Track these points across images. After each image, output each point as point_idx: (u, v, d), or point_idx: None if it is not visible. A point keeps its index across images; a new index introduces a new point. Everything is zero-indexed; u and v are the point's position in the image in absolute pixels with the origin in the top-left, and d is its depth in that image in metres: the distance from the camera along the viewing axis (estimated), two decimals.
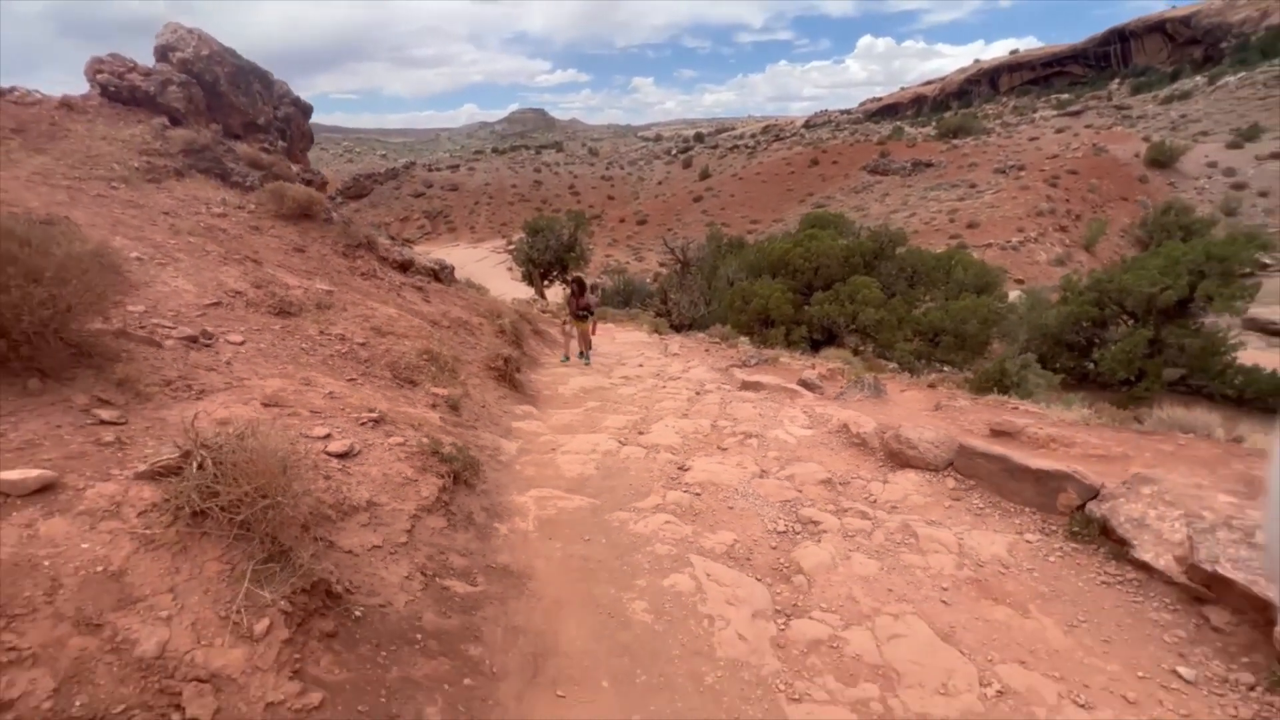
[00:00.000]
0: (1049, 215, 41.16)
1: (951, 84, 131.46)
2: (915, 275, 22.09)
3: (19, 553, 1.76)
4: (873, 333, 18.31)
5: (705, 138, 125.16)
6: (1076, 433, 5.14)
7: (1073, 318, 20.68)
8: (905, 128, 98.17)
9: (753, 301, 19.06)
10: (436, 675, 2.30)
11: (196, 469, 2.10)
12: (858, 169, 63.35)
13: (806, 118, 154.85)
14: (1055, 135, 62.37)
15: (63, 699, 1.52)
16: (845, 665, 2.67)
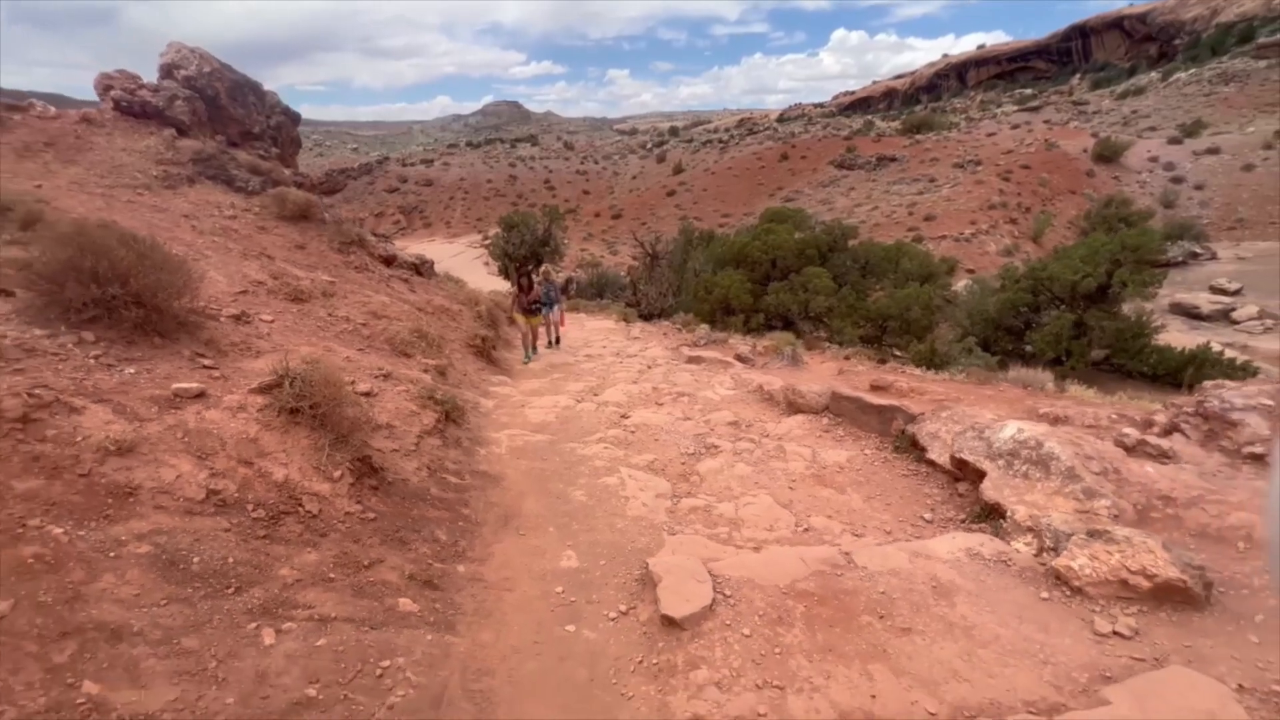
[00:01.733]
0: (1000, 209, 43.47)
1: (921, 78, 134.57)
2: (867, 266, 23.80)
3: (198, 425, 3.04)
4: (824, 319, 19.89)
5: (680, 131, 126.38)
6: (933, 386, 6.64)
7: (1010, 304, 22.49)
8: (876, 121, 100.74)
9: (714, 291, 20.51)
10: (440, 518, 3.63)
11: (289, 384, 3.39)
12: (825, 164, 65.34)
13: (781, 111, 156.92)
14: (1011, 131, 65.15)
15: (232, 493, 2.82)
16: (711, 519, 4.06)
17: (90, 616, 1.97)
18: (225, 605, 2.27)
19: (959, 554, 3.23)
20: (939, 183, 52.45)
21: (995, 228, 41.12)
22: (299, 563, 2.65)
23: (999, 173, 51.33)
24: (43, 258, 3.63)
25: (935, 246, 38.81)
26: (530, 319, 9.25)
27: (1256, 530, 3.08)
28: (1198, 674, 2.30)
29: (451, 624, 2.75)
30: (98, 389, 2.99)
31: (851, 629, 2.69)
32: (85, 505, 2.34)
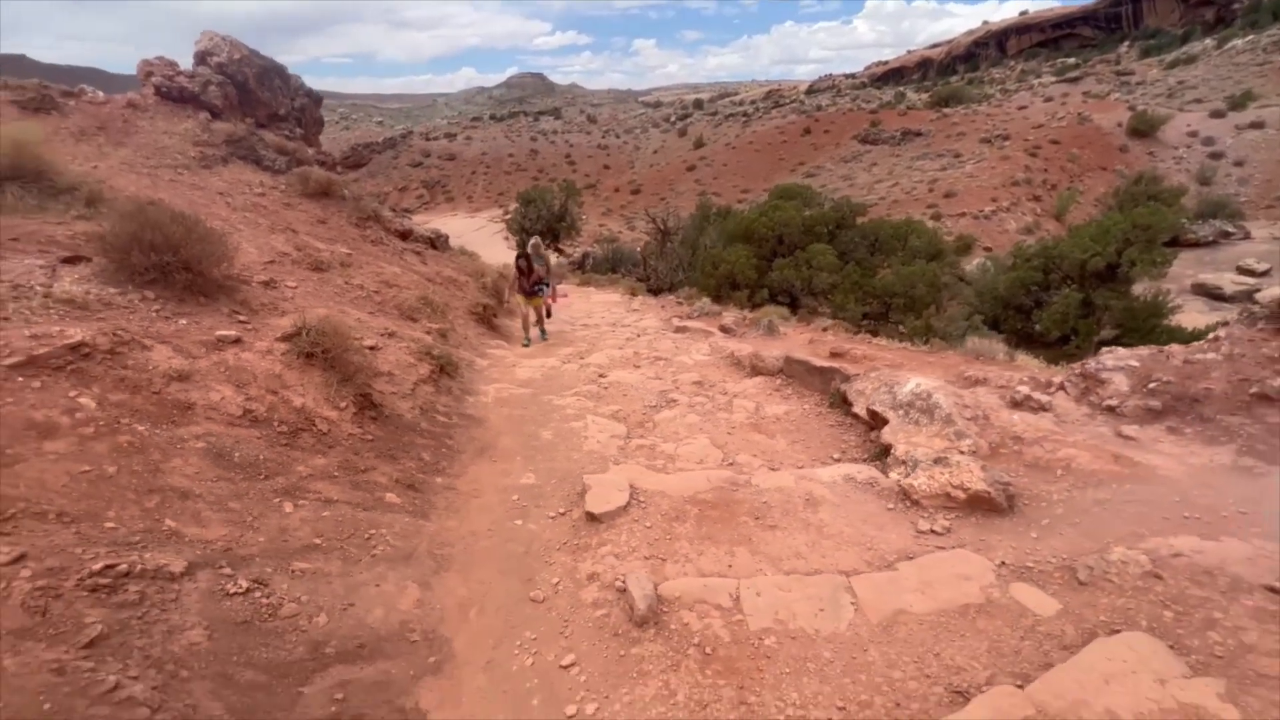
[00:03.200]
0: (1024, 185, 42.67)
1: (958, 47, 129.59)
2: (876, 243, 24.05)
3: (236, 363, 3.93)
4: (828, 296, 20.34)
5: (705, 104, 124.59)
6: (885, 354, 7.31)
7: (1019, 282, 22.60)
8: (907, 93, 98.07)
9: (720, 267, 21.07)
10: (427, 445, 4.50)
11: (305, 334, 4.26)
12: (849, 138, 64.32)
13: (810, 82, 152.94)
14: (1044, 104, 63.08)
15: (262, 413, 3.70)
16: (653, 454, 4.87)
17: (167, 483, 2.86)
18: (257, 486, 3.16)
19: (837, 478, 3.99)
20: (964, 158, 51.43)
21: (1017, 205, 40.47)
22: (311, 464, 3.53)
23: (1026, 148, 50.12)
24: (113, 231, 4.53)
25: (953, 224, 38.46)
26: (531, 300, 8.89)
27: (1075, 461, 3.77)
28: (975, 555, 3.06)
29: (425, 514, 3.63)
30: (160, 333, 3.89)
31: (730, 525, 3.49)
32: (157, 413, 3.23)
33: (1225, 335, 4.75)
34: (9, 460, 2.51)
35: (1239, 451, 3.65)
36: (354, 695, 2.20)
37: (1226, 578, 2.64)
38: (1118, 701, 2.03)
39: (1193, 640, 2.35)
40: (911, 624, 2.61)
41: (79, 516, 2.41)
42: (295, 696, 2.10)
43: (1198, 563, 2.76)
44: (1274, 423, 3.74)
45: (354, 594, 2.72)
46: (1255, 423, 3.79)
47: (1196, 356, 4.54)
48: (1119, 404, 4.38)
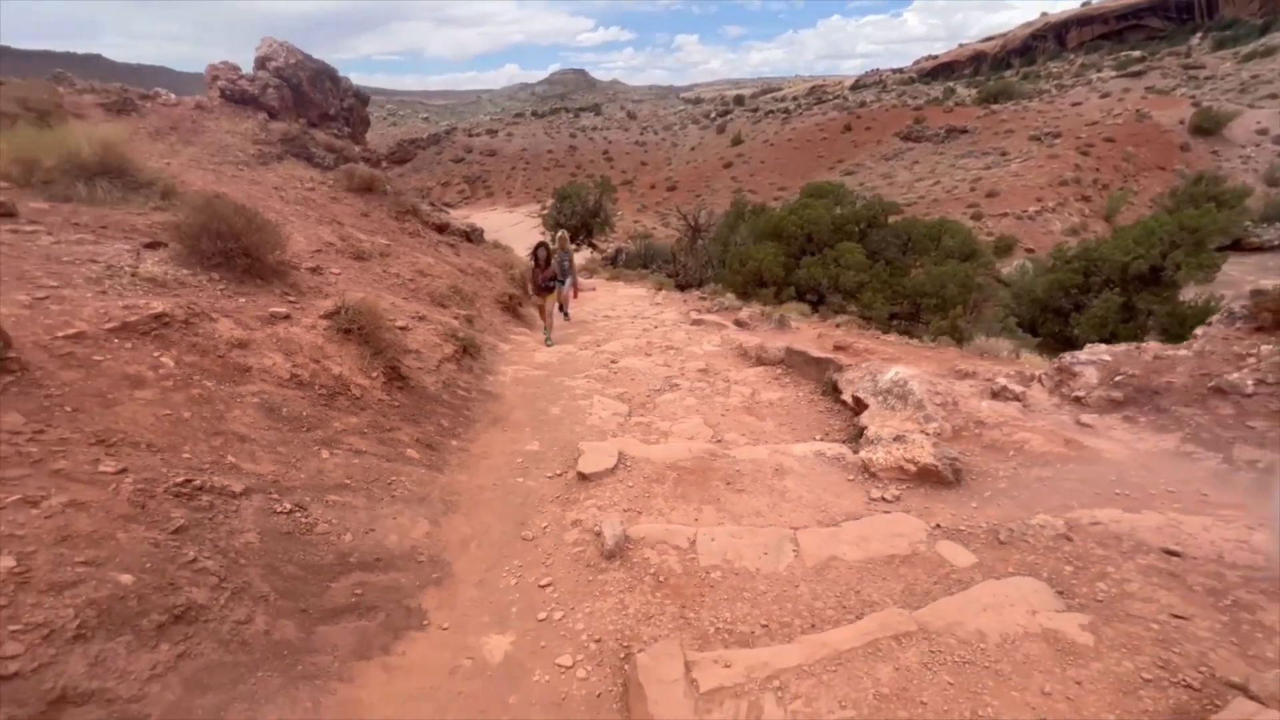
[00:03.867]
0: (1073, 185, 41.25)
1: (1014, 40, 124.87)
2: (909, 243, 23.88)
3: (285, 335, 4.57)
4: (855, 295, 20.37)
5: (746, 100, 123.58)
6: (886, 348, 7.59)
7: (1058, 284, 22.18)
8: (956, 89, 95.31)
9: (747, 263, 21.31)
10: (446, 413, 5.08)
11: (344, 313, 4.89)
12: (891, 135, 63.12)
13: (856, 78, 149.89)
14: (1100, 100, 60.58)
15: (306, 377, 4.32)
16: (648, 430, 5.34)
17: (228, 428, 3.49)
18: (300, 436, 3.77)
19: (808, 454, 4.40)
20: (1010, 156, 49.97)
21: (1064, 205, 39.20)
22: (345, 421, 4.14)
23: (1078, 146, 48.37)
24: (185, 221, 5.25)
25: (994, 224, 37.55)
26: (546, 296, 8.65)
27: (1028, 444, 4.09)
28: (913, 518, 3.43)
29: (440, 468, 4.20)
30: (224, 308, 4.56)
31: (703, 487, 3.94)
32: (221, 373, 3.88)
33: (1203, 333, 4.94)
34: (110, 402, 3.16)
35: (1184, 439, 3.91)
36: (370, 593, 2.76)
37: (1132, 542, 2.97)
38: (987, 624, 2.42)
39: (1081, 588, 2.70)
40: (841, 568, 3.03)
41: (163, 447, 3.04)
42: (324, 588, 2.67)
43: (1110, 530, 3.08)
44: (1224, 414, 3.97)
45: (375, 523, 3.29)
46: (1206, 414, 4.02)
47: (1168, 353, 4.76)
48: (1085, 395, 4.64)
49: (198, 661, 2.04)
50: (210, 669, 2.04)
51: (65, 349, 3.31)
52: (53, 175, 6.30)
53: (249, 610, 2.32)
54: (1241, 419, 3.88)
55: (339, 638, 2.45)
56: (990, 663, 2.26)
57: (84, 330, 3.52)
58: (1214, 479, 3.54)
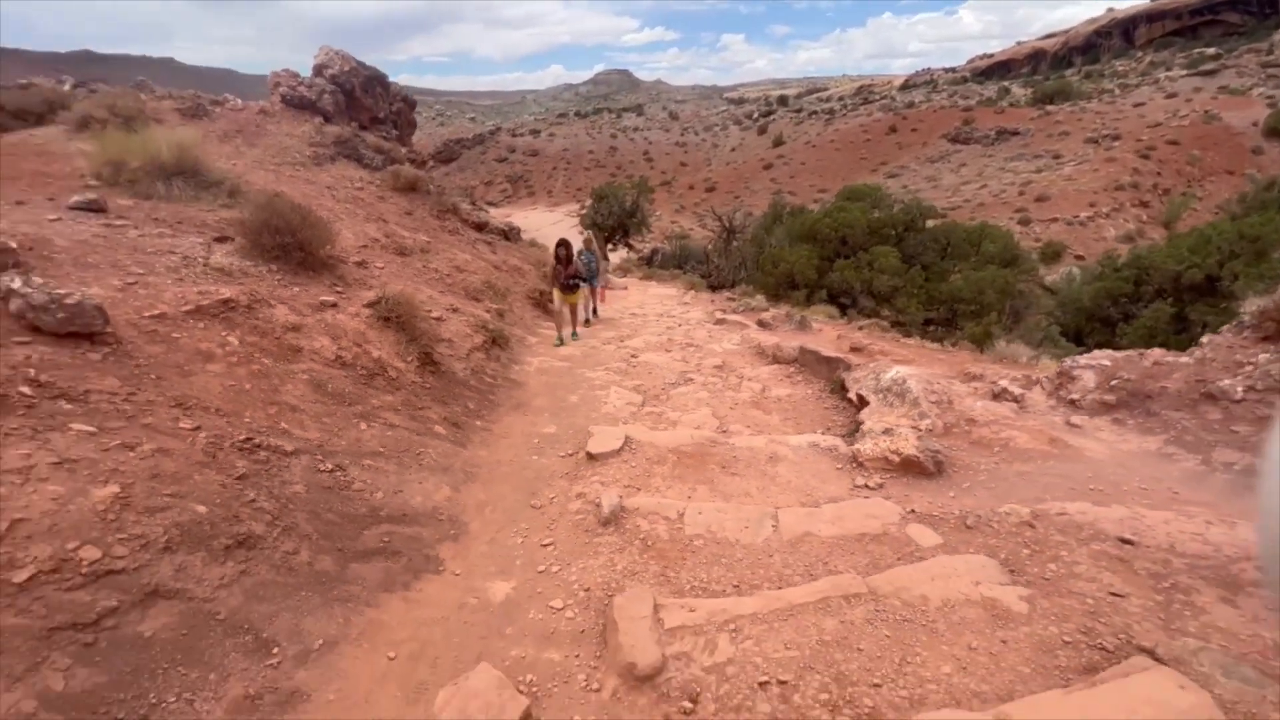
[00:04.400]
0: (1130, 190, 39.55)
1: (1076, 37, 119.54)
2: (948, 248, 23.49)
3: (332, 321, 5.11)
4: (888, 298, 20.21)
5: (791, 100, 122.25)
6: (900, 350, 7.75)
7: (1106, 293, 21.54)
8: (1011, 88, 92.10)
9: (780, 265, 21.38)
10: (473, 397, 5.55)
11: (384, 303, 5.40)
12: (938, 137, 61.60)
13: (905, 77, 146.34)
14: (1165, 101, 57.76)
15: (349, 359, 4.84)
16: (658, 419, 5.69)
17: (282, 399, 4.01)
18: (342, 409, 4.27)
19: (803, 444, 4.68)
20: (1064, 159, 48.20)
21: (1119, 211, 37.64)
22: (381, 399, 4.63)
23: (1138, 149, 46.32)
24: (249, 218, 5.87)
25: (1043, 230, 36.38)
26: (567, 296, 8.42)
27: (1014, 441, 4.27)
28: (890, 503, 3.69)
29: (463, 444, 4.65)
30: (280, 296, 5.13)
31: (699, 469, 4.28)
32: (277, 352, 4.42)
33: (1208, 341, 5.00)
34: (187, 373, 3.71)
35: (1167, 441, 4.04)
36: (395, 541, 3.20)
37: (1091, 531, 3.18)
38: (932, 590, 2.69)
39: (1032, 568, 2.94)
40: (814, 543, 3.32)
41: (228, 412, 3.56)
42: (357, 534, 3.12)
43: (1074, 519, 3.29)
44: (1212, 419, 4.08)
45: (403, 485, 3.75)
46: (1194, 418, 4.14)
47: (1169, 359, 4.84)
48: (1080, 398, 4.78)
49: (255, 578, 2.50)
50: (264, 585, 2.51)
51: (150, 327, 3.88)
52: (137, 175, 7.04)
53: (295, 544, 2.79)
54: (1228, 424, 3.99)
55: (368, 573, 2.90)
56: (928, 622, 2.53)
57: (165, 311, 4.10)
58: (1189, 479, 3.68)
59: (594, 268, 9.79)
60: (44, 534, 2.10)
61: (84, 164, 7.30)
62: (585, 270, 9.28)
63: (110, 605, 2.03)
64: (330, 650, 2.40)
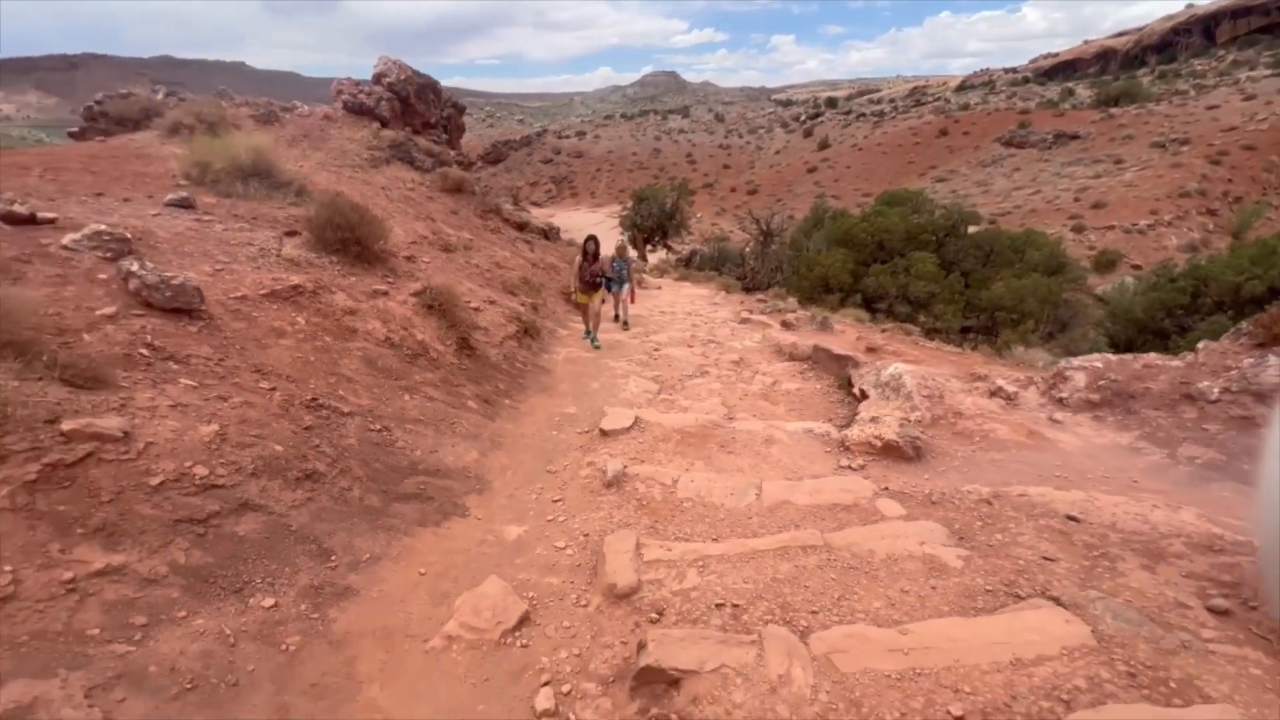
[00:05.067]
0: (1196, 197, 37.64)
1: (1151, 35, 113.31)
2: (991, 254, 23.14)
3: (383, 307, 5.80)
4: (924, 304, 20.08)
5: (840, 102, 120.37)
6: (914, 351, 8.03)
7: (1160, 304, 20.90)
8: (1076, 90, 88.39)
9: (815, 269, 21.49)
10: (504, 379, 6.16)
11: (428, 293, 6.07)
12: (990, 140, 59.80)
13: (963, 78, 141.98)
14: (1242, 104, 54.48)
15: (397, 340, 5.51)
16: (671, 405, 6.17)
17: (340, 371, 4.68)
18: (389, 382, 4.92)
19: (799, 429, 5.09)
20: (1125, 164, 46.18)
21: (1183, 219, 35.89)
22: (423, 376, 5.28)
23: (1208, 154, 43.99)
24: (315, 215, 6.65)
25: (1098, 238, 35.05)
26: (589, 295, 8.33)
27: (995, 433, 4.58)
28: (867, 481, 4.08)
29: (492, 418, 5.25)
30: (340, 285, 5.85)
31: (700, 447, 4.75)
32: (336, 331, 5.11)
33: (1204, 347, 5.18)
34: (264, 345, 4.41)
35: (1139, 436, 4.29)
36: (430, 489, 3.80)
37: (1043, 509, 3.51)
38: (880, 546, 3.09)
39: (979, 536, 3.30)
40: (790, 509, 3.75)
41: (296, 378, 4.24)
42: (399, 481, 3.73)
43: (1032, 500, 3.63)
44: (1187, 417, 4.31)
45: (438, 447, 4.36)
46: (1170, 416, 4.37)
47: (1159, 362, 5.05)
48: (1068, 396, 5.03)
49: (318, 504, 3.12)
50: (325, 510, 3.12)
51: (234, 306, 4.61)
52: (220, 176, 7.96)
53: (349, 483, 3.41)
54: (1200, 422, 4.21)
55: (406, 512, 3.49)
56: (870, 570, 2.95)
57: (246, 294, 4.83)
58: (1151, 470, 3.94)
59: (624, 274, 9.80)
60: (168, 454, 2.75)
61: (175, 166, 8.28)
62: (616, 275, 9.45)
63: (214, 509, 2.67)
64: (375, 563, 3.00)
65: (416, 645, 2.55)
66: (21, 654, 1.82)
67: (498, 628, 2.61)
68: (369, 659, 2.42)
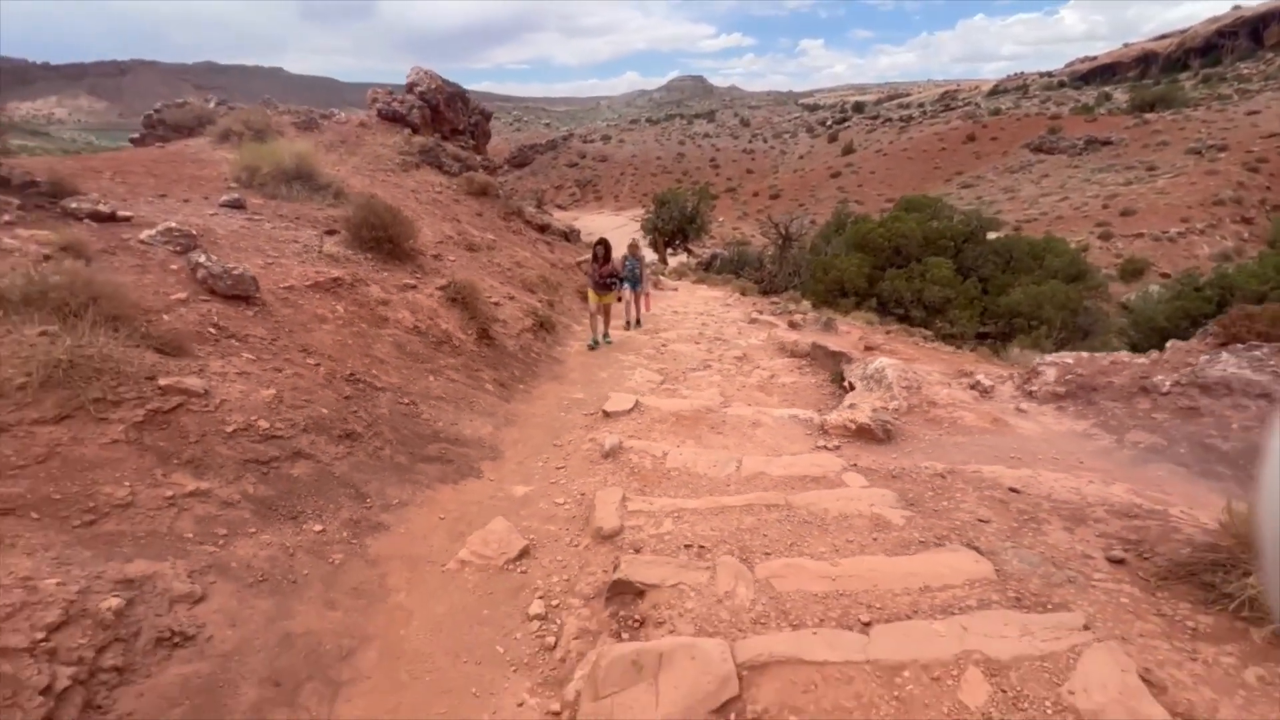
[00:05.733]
0: (1230, 205, 36.79)
1: (1194, 37, 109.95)
2: (1010, 261, 23.18)
3: (412, 299, 6.42)
4: (939, 309, 20.23)
5: (868, 107, 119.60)
6: (909, 350, 8.41)
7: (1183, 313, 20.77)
8: (1114, 94, 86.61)
9: (830, 273, 21.77)
10: (519, 367, 6.74)
11: (452, 287, 6.68)
12: (1019, 146, 59.01)
13: (996, 82, 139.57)
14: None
15: (424, 329, 6.12)
16: (672, 393, 6.67)
17: (373, 354, 5.29)
18: (416, 365, 5.52)
19: (784, 415, 5.55)
20: (1158, 171, 45.27)
21: (1216, 227, 35.13)
22: (446, 361, 5.87)
23: (1246, 161, 42.93)
24: (352, 215, 7.32)
25: (1126, 245, 34.50)
26: (601, 296, 8.31)
27: (962, 420, 4.99)
28: (837, 458, 4.53)
29: (507, 400, 5.82)
30: (374, 278, 6.49)
31: (692, 429, 5.24)
32: (371, 319, 5.73)
33: (1171, 345, 5.51)
34: (309, 329, 5.04)
35: (1094, 424, 4.66)
36: (449, 454, 4.37)
37: (990, 482, 3.94)
38: (834, 506, 3.56)
39: (927, 502, 3.74)
40: (765, 479, 4.23)
41: (337, 358, 4.85)
42: (424, 446, 4.31)
43: (983, 476, 4.05)
44: (1140, 408, 4.67)
45: (458, 420, 4.94)
46: (1125, 406, 4.73)
47: (1124, 359, 5.40)
48: (1037, 389, 5.41)
49: (356, 458, 3.71)
50: (361, 463, 3.71)
51: (284, 295, 5.26)
52: (266, 179, 8.70)
53: (381, 444, 4.00)
54: (1151, 412, 4.57)
55: (429, 470, 4.06)
56: (821, 524, 3.41)
57: (294, 284, 5.48)
58: (1098, 452, 4.33)
59: (637, 273, 9.87)
60: (238, 409, 3.36)
61: (226, 170, 9.06)
62: (629, 275, 9.61)
63: (274, 454, 3.27)
64: (402, 507, 3.57)
65: (435, 567, 3.10)
66: (140, 543, 2.40)
67: (502, 557, 3.15)
68: (397, 575, 2.98)
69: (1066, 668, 2.06)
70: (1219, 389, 4.34)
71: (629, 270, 9.65)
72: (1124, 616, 2.46)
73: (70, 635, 1.85)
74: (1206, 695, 1.96)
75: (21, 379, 2.59)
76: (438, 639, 2.58)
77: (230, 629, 2.24)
